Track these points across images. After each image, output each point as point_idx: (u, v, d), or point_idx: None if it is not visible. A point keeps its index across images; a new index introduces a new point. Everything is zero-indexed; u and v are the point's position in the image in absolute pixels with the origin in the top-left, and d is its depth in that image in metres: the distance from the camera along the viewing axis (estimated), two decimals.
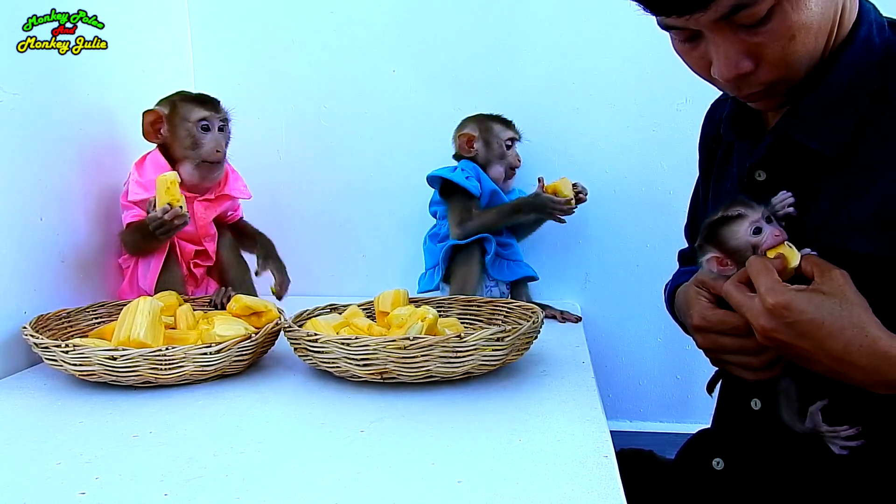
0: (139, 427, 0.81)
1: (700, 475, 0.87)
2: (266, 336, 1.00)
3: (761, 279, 0.66)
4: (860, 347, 0.62)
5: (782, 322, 0.64)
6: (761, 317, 0.65)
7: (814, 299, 0.64)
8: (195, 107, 1.26)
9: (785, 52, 0.67)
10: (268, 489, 0.64)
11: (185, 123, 1.25)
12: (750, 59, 0.67)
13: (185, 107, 1.26)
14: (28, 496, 0.64)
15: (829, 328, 0.63)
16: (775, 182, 0.75)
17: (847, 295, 0.64)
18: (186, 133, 1.25)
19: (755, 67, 0.68)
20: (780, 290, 0.64)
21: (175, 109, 1.26)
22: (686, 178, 1.04)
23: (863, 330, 0.62)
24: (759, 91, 0.71)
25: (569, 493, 0.62)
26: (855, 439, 0.71)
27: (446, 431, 0.77)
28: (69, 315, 1.12)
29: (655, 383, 1.59)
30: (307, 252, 1.64)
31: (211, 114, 1.27)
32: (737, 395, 0.83)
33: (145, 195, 1.23)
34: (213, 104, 1.29)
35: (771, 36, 0.65)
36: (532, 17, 1.52)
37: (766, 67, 0.68)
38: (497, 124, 1.42)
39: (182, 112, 1.26)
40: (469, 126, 1.42)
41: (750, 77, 0.69)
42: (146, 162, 1.27)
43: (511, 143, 1.42)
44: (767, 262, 0.68)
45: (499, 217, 1.37)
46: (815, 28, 0.66)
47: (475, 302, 1.21)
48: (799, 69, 0.69)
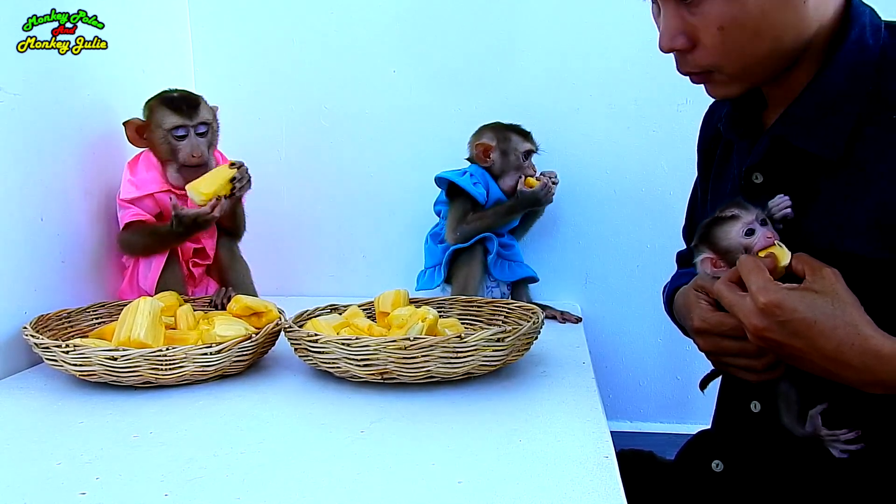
0: (139, 427, 0.81)
1: (700, 476, 0.87)
2: (266, 336, 1.00)
3: (752, 278, 0.66)
4: (852, 346, 0.62)
5: (774, 321, 0.64)
6: (753, 316, 0.65)
7: (805, 298, 0.64)
8: (169, 114, 1.24)
9: (716, 41, 0.69)
10: (268, 489, 0.64)
11: (159, 130, 1.24)
12: (685, 37, 0.70)
13: (159, 113, 1.25)
14: (28, 496, 0.64)
15: (821, 327, 0.62)
16: (773, 184, 0.75)
17: (839, 293, 0.63)
18: (162, 139, 1.25)
19: (692, 48, 0.71)
20: (772, 288, 0.64)
21: (151, 116, 1.26)
22: (686, 179, 1.04)
23: (855, 328, 0.62)
24: (698, 74, 0.74)
25: (569, 493, 0.62)
26: (854, 443, 0.71)
27: (446, 432, 0.78)
28: (69, 315, 1.13)
29: (655, 384, 1.59)
30: (307, 252, 1.64)
31: (184, 121, 1.24)
32: (736, 398, 0.83)
33: (137, 193, 1.24)
34: (189, 110, 1.25)
35: (702, 20, 0.69)
36: (533, 18, 1.52)
37: (702, 51, 0.71)
38: (515, 135, 1.40)
39: (156, 119, 1.25)
40: (487, 135, 1.40)
41: (687, 56, 0.72)
42: (139, 161, 1.28)
43: (528, 154, 1.40)
44: (758, 262, 0.67)
45: (495, 219, 1.37)
46: (751, 27, 0.68)
47: (475, 302, 1.21)
48: (744, 66, 0.71)
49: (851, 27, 0.70)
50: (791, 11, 0.68)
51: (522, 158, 1.39)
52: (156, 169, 1.26)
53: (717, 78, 0.73)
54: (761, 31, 0.68)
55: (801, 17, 0.68)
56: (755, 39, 0.68)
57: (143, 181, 1.26)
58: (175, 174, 1.26)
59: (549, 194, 1.36)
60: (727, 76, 0.72)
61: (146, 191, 1.25)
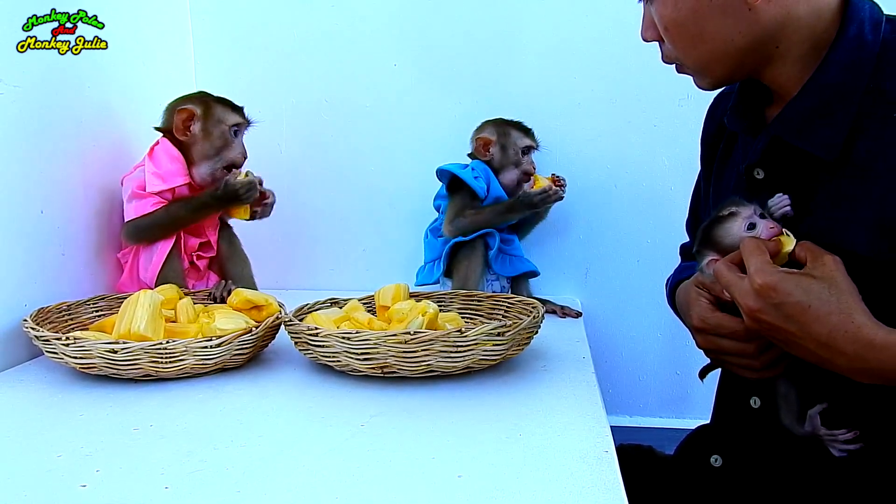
0: (140, 420, 0.81)
1: (699, 471, 0.87)
2: (266, 330, 1.00)
3: (752, 259, 0.66)
4: (845, 333, 0.61)
5: (769, 303, 0.64)
6: (748, 297, 0.65)
7: (802, 282, 0.63)
8: (230, 111, 1.30)
9: (668, 38, 0.75)
10: (268, 483, 0.65)
11: (220, 126, 1.28)
12: (652, 31, 0.77)
13: (220, 109, 1.29)
14: (29, 489, 0.64)
15: (815, 312, 0.62)
16: (774, 181, 0.75)
17: (837, 280, 0.63)
18: (220, 135, 1.28)
19: (660, 42, 0.77)
20: (769, 270, 0.64)
21: (209, 110, 1.28)
22: (687, 174, 1.04)
23: (849, 316, 0.62)
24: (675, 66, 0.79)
25: (569, 487, 0.62)
26: (853, 442, 0.71)
27: (446, 426, 0.78)
28: (70, 308, 1.13)
29: (655, 379, 1.59)
30: (308, 246, 1.64)
31: (243, 121, 1.31)
32: (736, 393, 0.83)
33: (164, 186, 1.25)
34: (243, 112, 1.32)
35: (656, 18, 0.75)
36: (534, 12, 1.51)
37: (665, 46, 0.77)
38: (515, 130, 1.40)
39: (217, 114, 1.28)
40: (487, 129, 1.40)
41: (662, 48, 0.78)
42: (157, 152, 1.27)
43: (528, 150, 1.40)
44: (761, 244, 0.67)
45: (492, 216, 1.36)
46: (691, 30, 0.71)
47: (476, 297, 1.21)
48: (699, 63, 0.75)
49: (849, 23, 0.70)
50: (732, 17, 0.69)
51: (521, 154, 1.39)
52: (178, 161, 1.26)
53: (686, 71, 0.78)
54: (704, 34, 0.71)
55: (750, 21, 0.69)
56: (699, 41, 0.72)
57: (169, 173, 1.26)
58: (208, 172, 1.28)
59: (547, 200, 1.33)
60: (691, 70, 0.77)
61: (172, 184, 1.25)
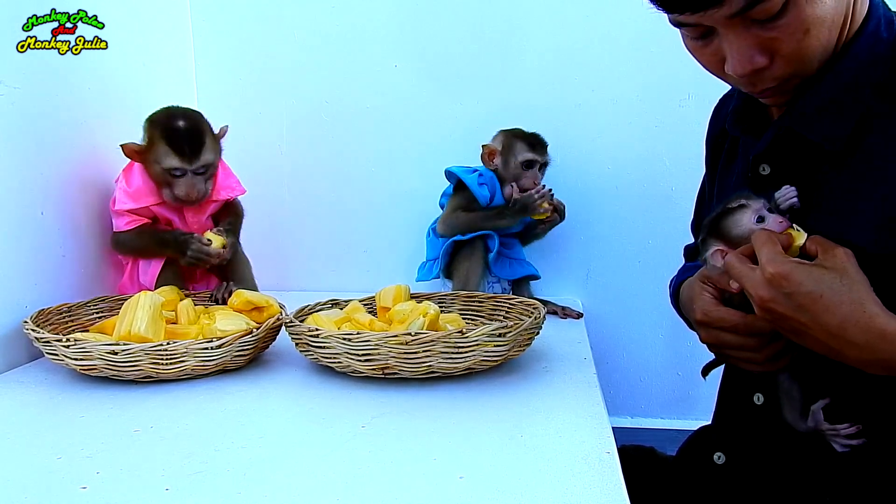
0: (140, 422, 0.80)
1: (701, 471, 0.87)
2: (267, 331, 1.00)
3: (764, 250, 0.66)
4: (857, 323, 0.61)
5: (781, 292, 0.63)
6: (760, 287, 0.65)
7: (814, 272, 0.63)
8: (169, 154, 1.19)
9: (799, 46, 0.67)
10: (269, 484, 0.64)
11: (156, 166, 1.20)
12: (764, 54, 0.67)
13: (160, 149, 1.20)
14: (29, 490, 0.64)
15: (826, 302, 0.62)
16: (779, 176, 0.75)
17: (848, 271, 0.63)
18: (159, 174, 1.21)
19: (769, 63, 0.68)
20: (781, 260, 0.64)
21: (150, 146, 1.21)
22: (689, 175, 1.04)
23: (861, 306, 0.61)
24: (773, 87, 0.71)
25: (571, 488, 0.62)
26: (856, 437, 0.71)
27: (448, 427, 0.77)
28: (70, 309, 1.12)
29: (657, 379, 1.59)
30: (309, 247, 1.64)
31: (184, 165, 1.19)
32: (739, 390, 0.83)
33: (133, 205, 1.22)
34: (191, 153, 1.19)
35: (785, 30, 0.65)
36: (535, 12, 1.51)
37: (780, 62, 0.68)
38: (521, 143, 1.37)
39: (155, 153, 1.20)
40: (496, 139, 1.39)
41: (764, 72, 0.69)
42: (133, 168, 1.25)
43: (530, 165, 1.36)
44: (773, 235, 0.67)
45: (482, 221, 1.35)
46: (828, 22, 0.67)
47: (477, 298, 1.21)
48: (812, 63, 0.69)
49: (870, 19, 0.70)
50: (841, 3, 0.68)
51: (522, 168, 1.36)
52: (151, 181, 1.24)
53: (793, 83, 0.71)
54: (834, 23, 0.67)
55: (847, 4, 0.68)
56: (831, 32, 0.68)
57: (139, 192, 1.23)
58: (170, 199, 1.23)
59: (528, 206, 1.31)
60: (800, 78, 0.71)
61: (142, 203, 1.23)
